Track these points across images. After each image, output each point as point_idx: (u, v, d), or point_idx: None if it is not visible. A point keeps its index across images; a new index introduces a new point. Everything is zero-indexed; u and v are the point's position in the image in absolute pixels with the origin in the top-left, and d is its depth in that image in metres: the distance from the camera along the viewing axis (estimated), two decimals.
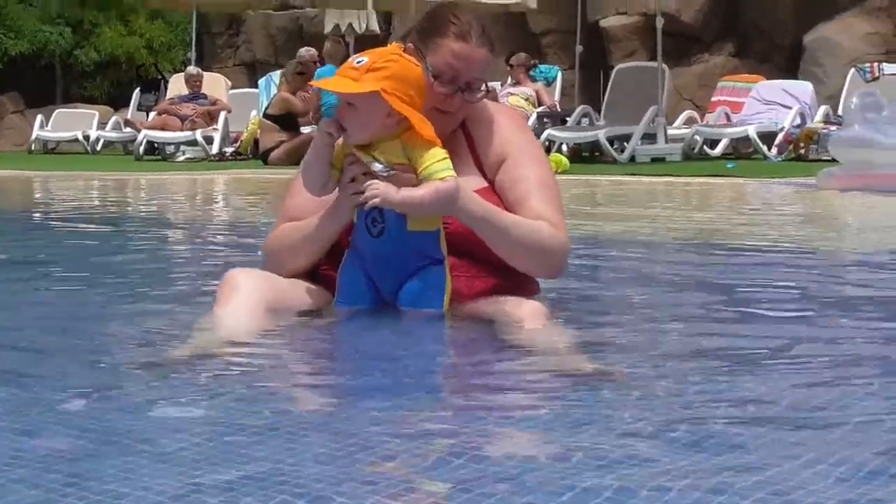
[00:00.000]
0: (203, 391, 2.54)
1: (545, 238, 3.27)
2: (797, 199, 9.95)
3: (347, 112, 3.12)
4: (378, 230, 3.15)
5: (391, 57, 3.12)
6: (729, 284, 4.44)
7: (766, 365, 2.88)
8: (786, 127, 16.18)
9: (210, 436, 2.14)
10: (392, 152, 3.11)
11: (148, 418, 2.28)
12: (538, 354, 2.93)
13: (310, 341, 3.19)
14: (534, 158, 3.42)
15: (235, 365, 2.82)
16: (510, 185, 3.34)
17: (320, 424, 2.28)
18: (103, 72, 28.32)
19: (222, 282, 3.24)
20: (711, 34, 22.08)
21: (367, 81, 3.06)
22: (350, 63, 3.13)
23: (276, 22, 26.13)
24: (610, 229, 7.09)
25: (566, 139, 16.25)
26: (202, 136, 18.53)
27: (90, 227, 7.58)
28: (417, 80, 3.13)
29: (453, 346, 3.16)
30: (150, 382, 2.57)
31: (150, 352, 2.90)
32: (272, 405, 2.45)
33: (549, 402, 2.51)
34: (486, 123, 3.42)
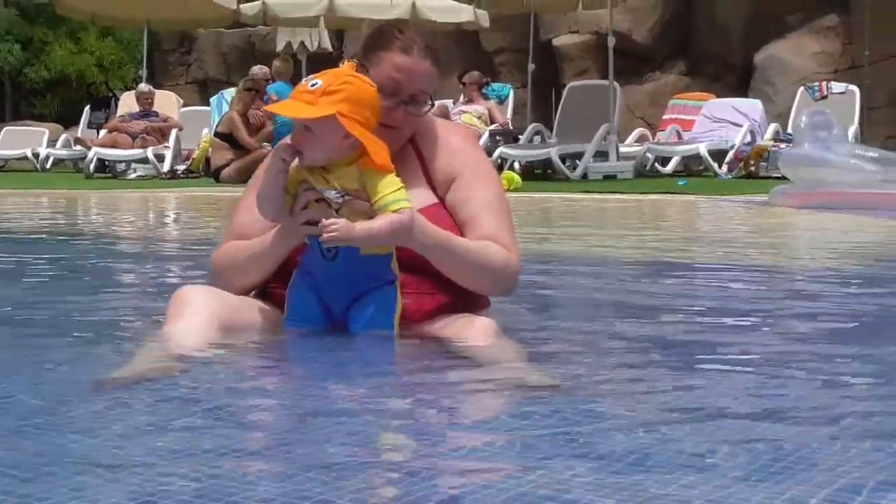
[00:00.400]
0: (153, 410, 2.51)
1: (496, 260, 3.28)
2: (749, 217, 10.01)
3: (303, 135, 3.10)
4: (332, 254, 3.13)
5: (346, 79, 3.10)
6: (680, 301, 4.46)
7: (710, 375, 2.89)
8: (736, 144, 16.32)
9: (162, 455, 2.11)
10: (348, 178, 3.10)
11: (97, 438, 2.25)
12: (489, 368, 2.93)
13: (261, 360, 3.17)
14: (484, 177, 3.41)
15: (186, 383, 2.79)
16: (461, 205, 3.33)
17: (272, 445, 2.25)
18: (53, 89, 28.18)
19: (172, 299, 3.22)
20: (663, 53, 22.25)
21: (323, 105, 3.04)
22: (304, 86, 3.11)
23: (228, 40, 26.10)
24: (562, 247, 7.10)
25: (519, 157, 16.29)
26: (153, 153, 18.43)
27: (39, 244, 7.51)
28: (372, 101, 3.12)
29: (404, 364, 3.14)
30: (97, 402, 2.54)
31: (100, 370, 2.86)
32: (223, 424, 2.42)
33: (501, 418, 2.51)
34: (437, 140, 3.41)
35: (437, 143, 3.41)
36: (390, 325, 3.18)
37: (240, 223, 3.40)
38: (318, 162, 3.11)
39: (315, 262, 3.17)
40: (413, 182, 3.30)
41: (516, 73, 21.97)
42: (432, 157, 3.38)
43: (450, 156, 3.38)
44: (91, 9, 21.73)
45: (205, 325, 3.12)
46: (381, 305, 3.17)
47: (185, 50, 27.22)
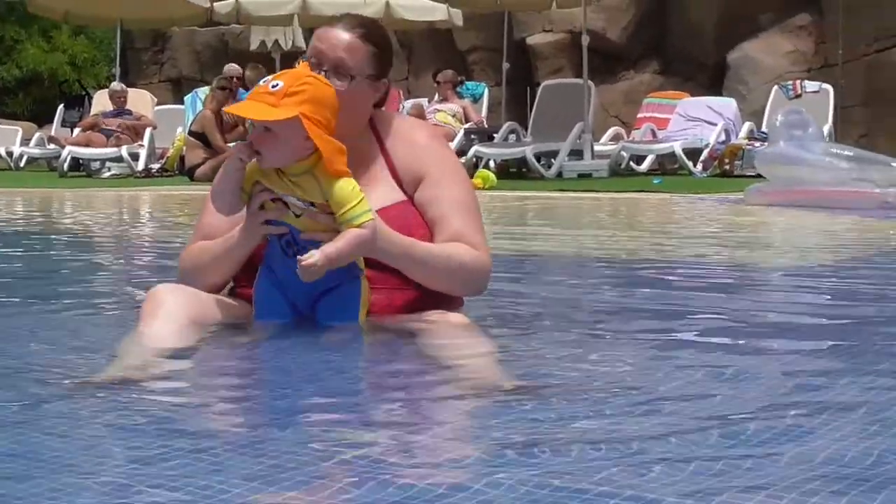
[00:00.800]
0: (128, 411, 2.50)
1: (464, 261, 3.28)
2: (724, 215, 10.04)
3: (263, 137, 3.08)
4: (293, 251, 3.13)
5: (306, 80, 3.10)
6: (655, 300, 4.46)
7: (688, 377, 2.89)
8: (711, 143, 16.36)
9: (137, 456, 2.10)
10: (311, 191, 3.09)
11: (73, 440, 2.24)
12: (460, 369, 2.92)
13: (234, 359, 3.16)
14: (453, 176, 3.40)
15: (161, 384, 2.78)
16: (429, 203, 3.32)
17: (246, 444, 2.25)
18: (26, 88, 28.08)
19: (147, 298, 3.22)
20: (637, 52, 22.29)
21: (287, 106, 3.04)
22: (265, 87, 3.10)
23: (202, 38, 26.04)
24: (537, 246, 7.11)
25: (493, 155, 16.30)
26: (128, 152, 18.37)
27: (11, 243, 7.47)
28: (332, 102, 3.12)
29: (377, 362, 3.13)
30: (74, 403, 2.53)
31: (74, 372, 2.84)
32: (198, 425, 2.42)
33: (471, 419, 2.51)
34: (404, 139, 3.40)
35: (402, 140, 3.39)
36: (356, 316, 3.18)
37: (207, 224, 3.40)
38: (278, 164, 3.11)
39: (277, 260, 3.18)
40: (379, 180, 3.29)
41: (490, 72, 21.97)
42: (398, 154, 3.37)
43: (416, 153, 3.37)
44: (64, 7, 21.65)
45: (179, 324, 3.13)
46: (346, 298, 3.18)
47: (158, 48, 27.14)
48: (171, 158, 18.42)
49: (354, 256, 3.13)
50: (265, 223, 3.16)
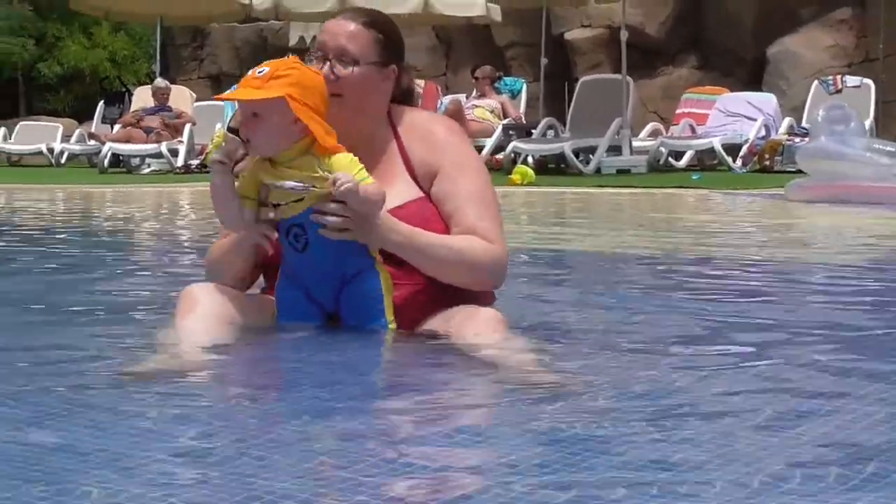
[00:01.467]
0: (168, 405, 2.52)
1: (475, 253, 3.23)
2: (765, 211, 9.99)
3: (252, 123, 3.10)
4: (302, 244, 3.13)
5: (292, 65, 3.13)
6: (694, 297, 4.45)
7: (726, 374, 2.88)
8: (750, 139, 16.27)
9: (179, 449, 2.12)
10: (308, 167, 3.08)
11: (115, 433, 2.26)
12: (495, 366, 2.92)
13: (269, 355, 3.18)
14: (468, 169, 3.36)
15: (198, 379, 2.80)
16: (444, 198, 3.29)
17: (287, 442, 2.25)
18: (67, 85, 28.22)
19: (181, 296, 3.23)
20: (675, 47, 22.19)
21: (272, 88, 3.05)
22: (252, 74, 3.13)
23: (241, 34, 26.10)
24: (575, 243, 7.10)
25: (532, 151, 16.28)
26: (167, 148, 18.45)
27: (53, 239, 7.53)
28: (320, 88, 3.13)
29: (410, 361, 3.13)
30: (115, 397, 2.55)
31: (113, 367, 2.87)
32: (238, 419, 2.43)
33: (506, 413, 2.50)
34: (420, 133, 3.36)
35: (419, 134, 3.35)
36: (382, 315, 3.16)
37: None
38: (268, 150, 3.11)
39: (291, 259, 3.17)
40: (396, 176, 3.27)
41: (528, 68, 21.93)
42: (414, 149, 3.33)
43: (432, 148, 3.33)
44: (105, 4, 21.76)
45: (213, 322, 3.13)
46: (369, 294, 3.16)
47: (197, 45, 27.23)
48: (210, 154, 18.48)
49: (369, 205, 3.08)
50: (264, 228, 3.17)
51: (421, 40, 23.40)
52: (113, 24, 26.92)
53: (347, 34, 3.29)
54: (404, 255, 3.18)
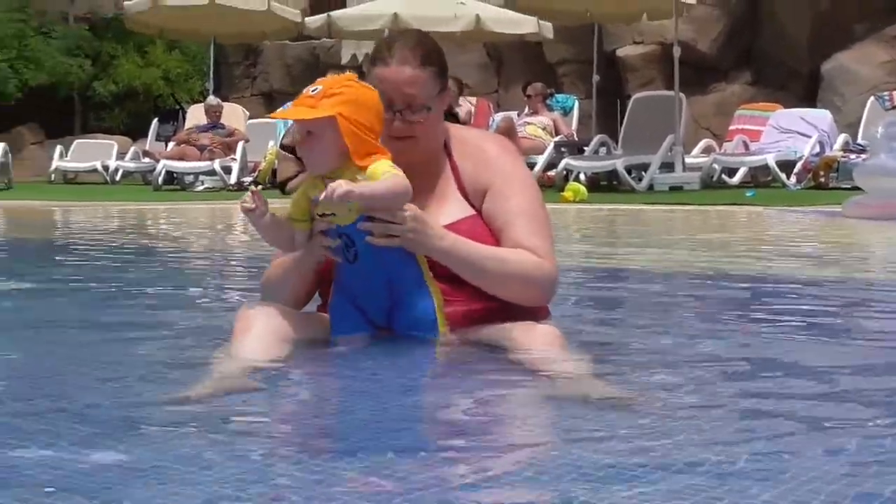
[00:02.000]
0: (227, 424, 2.53)
1: (527, 267, 3.24)
2: (822, 228, 9.91)
3: (307, 141, 3.13)
4: (352, 255, 3.14)
5: (346, 83, 3.13)
6: (750, 315, 4.42)
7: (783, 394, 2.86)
8: (805, 155, 16.15)
9: (239, 469, 2.13)
10: (350, 177, 3.08)
11: (175, 452, 2.27)
12: (553, 380, 2.91)
13: (326, 374, 3.18)
14: (519, 185, 3.37)
15: (254, 400, 2.81)
16: (495, 214, 3.31)
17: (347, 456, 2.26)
18: (121, 103, 28.45)
19: (237, 317, 3.25)
20: (728, 63, 22.10)
21: (324, 107, 3.07)
22: (306, 92, 3.14)
23: (293, 52, 26.24)
24: (628, 259, 7.07)
25: (584, 168, 16.25)
26: (220, 165, 18.57)
27: (108, 257, 7.58)
28: (374, 104, 3.14)
29: (467, 375, 3.12)
30: (174, 417, 2.57)
31: (170, 386, 2.88)
32: (297, 437, 2.44)
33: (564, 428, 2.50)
34: (473, 152, 3.38)
35: (471, 153, 3.38)
36: (435, 328, 3.16)
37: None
38: (323, 167, 3.13)
39: (343, 270, 3.19)
40: (448, 194, 3.29)
41: (580, 85, 21.90)
42: (466, 167, 3.36)
43: (484, 166, 3.35)
44: (159, 23, 21.96)
45: (269, 341, 3.14)
46: (420, 309, 3.17)
47: (250, 62, 27.38)
48: (264, 171, 18.55)
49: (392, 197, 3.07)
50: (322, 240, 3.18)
51: (472, 57, 23.43)
52: (167, 42, 27.11)
53: (408, 81, 3.26)
54: (451, 264, 3.18)
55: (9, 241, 10.18)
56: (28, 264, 7.08)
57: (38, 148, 26.86)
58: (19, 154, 25.07)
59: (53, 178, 22.68)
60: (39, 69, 26.86)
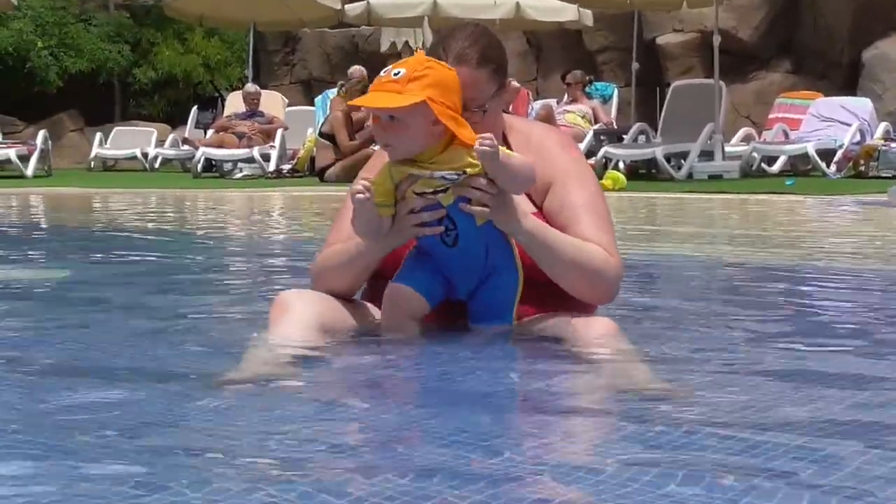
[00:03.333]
0: (266, 410, 2.54)
1: (596, 260, 3.20)
2: (865, 217, 9.84)
3: (391, 127, 3.05)
4: (452, 238, 3.10)
5: (428, 64, 3.07)
6: (797, 306, 4.39)
7: (836, 387, 2.84)
8: (845, 144, 16.05)
9: (280, 453, 2.14)
10: (458, 158, 3.05)
11: (218, 437, 2.28)
12: (609, 371, 2.91)
13: (365, 361, 3.16)
14: (581, 180, 3.33)
15: (290, 387, 2.81)
16: (558, 210, 3.26)
17: (380, 443, 2.26)
18: (161, 90, 28.54)
19: (273, 303, 3.23)
20: (768, 51, 21.97)
21: (412, 92, 3.00)
22: (387, 76, 3.06)
23: (332, 40, 26.26)
24: (668, 248, 7.04)
25: (623, 156, 16.21)
26: (259, 153, 18.62)
27: (148, 244, 7.62)
28: (455, 84, 3.08)
29: (519, 365, 3.12)
30: (215, 402, 2.58)
31: (210, 372, 2.89)
32: (336, 424, 2.45)
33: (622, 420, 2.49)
34: (533, 145, 3.34)
35: (531, 145, 3.34)
36: (509, 312, 3.14)
37: (344, 226, 3.37)
38: (408, 153, 3.07)
39: (438, 257, 3.13)
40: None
41: (619, 72, 21.84)
42: None
43: (545, 160, 3.30)
44: (199, 11, 22.04)
45: (306, 328, 3.13)
46: (503, 289, 3.13)
47: (289, 50, 27.43)
48: (302, 159, 18.62)
49: (524, 177, 3.07)
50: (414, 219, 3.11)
51: (512, 45, 23.37)
52: (206, 29, 27.19)
53: (467, 84, 3.16)
54: (533, 246, 3.15)
55: (50, 227, 10.24)
56: (70, 251, 7.12)
57: (78, 135, 27.01)
58: (59, 141, 25.24)
59: (93, 165, 22.81)
60: (80, 56, 26.98)
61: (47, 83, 26.52)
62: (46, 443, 2.20)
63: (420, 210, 3.09)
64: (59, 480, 1.97)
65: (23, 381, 2.85)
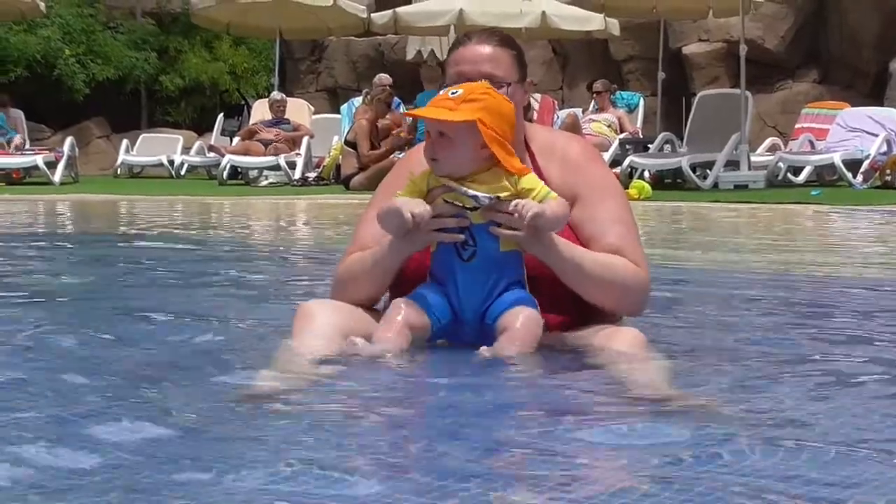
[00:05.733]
0: (291, 420, 2.54)
1: (626, 275, 3.22)
2: (891, 228, 9.79)
3: (440, 142, 3.10)
4: (469, 253, 3.12)
5: (486, 90, 3.12)
6: (822, 318, 4.37)
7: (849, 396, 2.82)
8: (872, 154, 15.98)
9: (303, 463, 2.14)
10: (495, 180, 3.09)
11: (234, 450, 2.28)
12: (633, 383, 2.90)
13: (388, 372, 3.16)
14: (608, 192, 3.35)
15: (314, 397, 2.80)
16: (584, 222, 3.28)
17: (412, 460, 2.26)
18: (187, 97, 28.64)
19: (297, 314, 3.24)
20: (795, 61, 21.93)
21: (464, 111, 3.06)
22: (445, 94, 3.13)
23: (358, 48, 26.31)
24: (693, 258, 7.02)
25: (649, 166, 16.18)
26: (285, 161, 18.64)
27: (172, 251, 7.63)
28: (510, 116, 3.13)
29: (544, 374, 3.10)
30: (240, 413, 2.58)
31: (231, 384, 2.89)
32: (362, 435, 2.45)
33: (644, 433, 2.48)
34: (559, 156, 3.36)
35: (557, 157, 3.35)
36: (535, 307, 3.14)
37: (365, 237, 3.37)
38: (452, 171, 3.11)
39: (449, 265, 3.15)
40: None
41: (645, 82, 21.84)
42: (552, 171, 3.33)
43: (570, 171, 3.32)
44: (226, 19, 22.09)
45: (330, 338, 3.13)
46: (517, 296, 3.13)
47: (315, 58, 27.48)
48: (328, 167, 18.64)
49: (560, 221, 3.10)
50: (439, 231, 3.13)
51: (537, 54, 23.39)
52: (233, 37, 27.27)
53: (489, 59, 3.28)
54: (563, 268, 3.16)
55: (76, 233, 10.28)
56: (94, 257, 7.14)
57: (105, 142, 27.12)
58: (86, 148, 25.35)
59: (119, 172, 22.89)
60: (107, 64, 27.10)
61: (74, 90, 26.64)
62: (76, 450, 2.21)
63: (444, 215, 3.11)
64: None
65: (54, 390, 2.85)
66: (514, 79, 3.30)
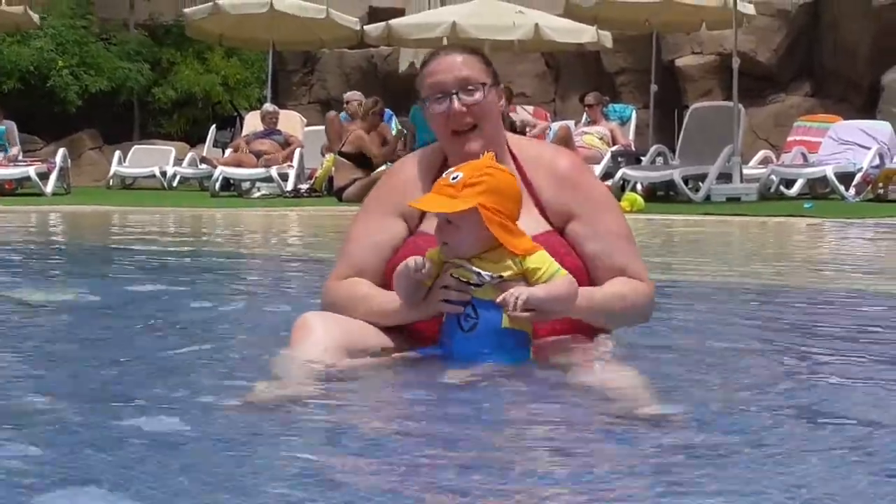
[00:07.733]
0: (291, 429, 2.54)
1: (640, 297, 3.32)
2: (883, 241, 9.80)
3: (447, 228, 3.13)
4: (470, 325, 3.15)
5: (486, 170, 3.13)
6: (808, 332, 4.37)
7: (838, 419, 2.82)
8: (864, 167, 16.02)
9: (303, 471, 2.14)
10: (500, 260, 3.12)
11: (243, 457, 2.29)
12: (609, 399, 2.90)
13: (386, 383, 3.17)
14: (604, 206, 3.39)
15: (311, 408, 2.80)
16: (584, 239, 3.31)
17: (412, 471, 2.26)
18: (180, 109, 28.62)
19: (295, 325, 3.24)
20: (788, 74, 21.97)
21: (465, 198, 3.08)
22: (445, 179, 3.14)
23: (350, 60, 26.33)
24: (685, 272, 7.03)
25: (641, 178, 16.19)
26: (277, 172, 18.64)
27: (165, 263, 7.63)
28: (513, 191, 3.16)
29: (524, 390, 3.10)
30: (239, 423, 2.58)
31: (229, 394, 2.89)
32: (349, 448, 2.44)
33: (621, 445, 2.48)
34: (547, 170, 3.38)
35: (546, 171, 3.38)
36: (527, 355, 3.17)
37: (354, 253, 3.38)
38: (464, 253, 3.14)
39: (449, 334, 3.18)
40: (523, 210, 3.27)
41: (638, 94, 21.85)
42: (542, 186, 3.36)
43: (564, 187, 3.35)
44: (219, 30, 22.11)
45: (328, 349, 3.14)
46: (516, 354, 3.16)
47: (307, 70, 27.48)
48: (320, 179, 18.64)
49: (564, 302, 3.11)
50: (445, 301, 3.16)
51: (530, 66, 23.43)
52: (226, 49, 27.27)
53: (462, 65, 3.35)
54: (585, 317, 3.22)
55: (68, 245, 10.27)
56: (86, 268, 7.13)
57: (97, 153, 27.08)
58: (78, 159, 25.30)
59: (112, 183, 22.87)
60: (100, 75, 27.07)
61: (67, 102, 26.61)
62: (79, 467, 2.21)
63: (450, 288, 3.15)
64: None
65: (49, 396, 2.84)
66: (487, 81, 3.35)
